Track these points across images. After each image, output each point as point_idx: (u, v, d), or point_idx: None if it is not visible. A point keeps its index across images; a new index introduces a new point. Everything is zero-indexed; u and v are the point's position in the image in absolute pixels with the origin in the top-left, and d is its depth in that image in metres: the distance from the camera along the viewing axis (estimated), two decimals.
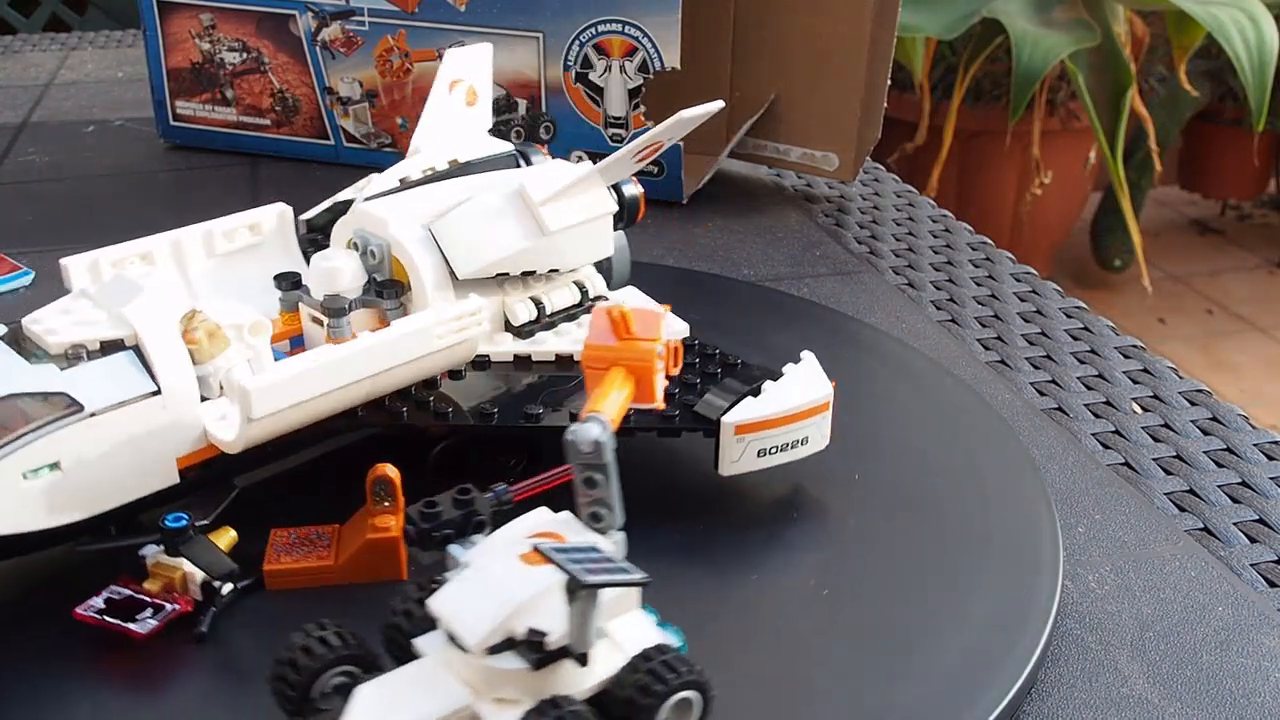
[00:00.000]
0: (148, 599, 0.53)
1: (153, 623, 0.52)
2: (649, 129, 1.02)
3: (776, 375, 0.61)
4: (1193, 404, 0.77)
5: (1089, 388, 0.78)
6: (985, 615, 0.54)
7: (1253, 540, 0.63)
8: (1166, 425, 0.74)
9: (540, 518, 0.48)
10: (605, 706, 0.44)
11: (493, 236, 0.62)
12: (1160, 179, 2.95)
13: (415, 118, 0.73)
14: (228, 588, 0.54)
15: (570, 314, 0.67)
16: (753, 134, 1.09)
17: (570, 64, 1.03)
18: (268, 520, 0.57)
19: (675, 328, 0.66)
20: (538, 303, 0.65)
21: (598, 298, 0.68)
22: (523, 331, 0.64)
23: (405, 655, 0.45)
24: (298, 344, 0.62)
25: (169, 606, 0.52)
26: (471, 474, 0.56)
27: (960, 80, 2.59)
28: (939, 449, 0.67)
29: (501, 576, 0.44)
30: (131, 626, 0.51)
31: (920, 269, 0.96)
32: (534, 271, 0.64)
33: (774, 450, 0.60)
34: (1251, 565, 0.61)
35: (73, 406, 0.50)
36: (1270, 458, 0.71)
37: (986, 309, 0.89)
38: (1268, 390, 2.68)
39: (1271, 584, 0.60)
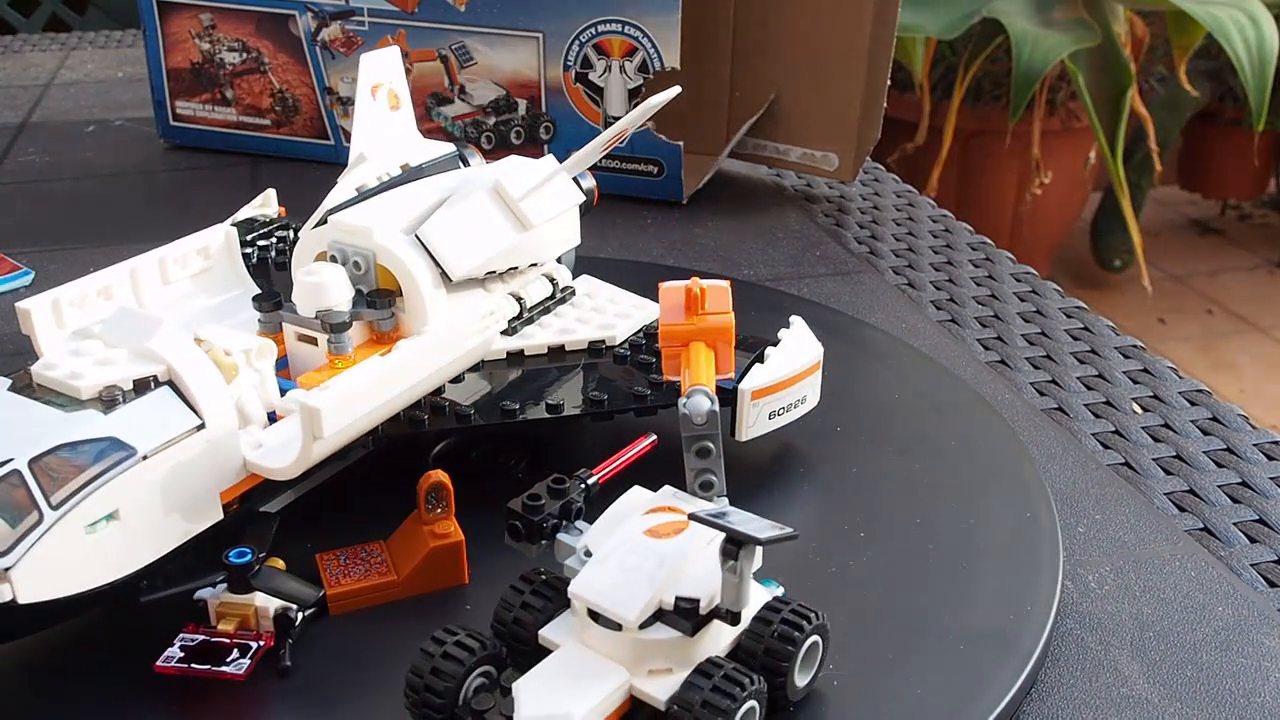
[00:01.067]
0: (227, 640, 0.51)
1: (246, 662, 0.50)
2: (647, 129, 1.03)
3: (774, 341, 0.64)
4: (1193, 404, 0.77)
5: (1089, 388, 0.78)
6: (985, 615, 0.54)
7: (1253, 540, 0.63)
8: (1166, 425, 0.74)
9: (639, 496, 0.50)
10: (744, 661, 0.46)
11: (481, 236, 0.62)
12: (1160, 179, 2.95)
13: (415, 118, 0.73)
14: (299, 617, 0.52)
15: (546, 307, 0.68)
16: (753, 134, 1.09)
17: (570, 64, 1.03)
18: (288, 546, 0.55)
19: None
20: (518, 298, 0.65)
21: (566, 288, 0.69)
22: (509, 328, 0.65)
23: (518, 647, 0.47)
24: (282, 366, 0.59)
25: (254, 644, 0.50)
26: (472, 475, 0.56)
27: (960, 80, 2.59)
28: (939, 449, 0.67)
29: (637, 553, 0.46)
30: (226, 669, 0.49)
31: (920, 269, 0.96)
32: (515, 267, 0.65)
33: (781, 411, 0.64)
34: (1251, 565, 0.61)
35: (125, 450, 0.48)
36: (1270, 458, 0.71)
37: (986, 309, 0.89)
38: (1268, 390, 2.67)
39: (1271, 584, 0.60)
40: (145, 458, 0.48)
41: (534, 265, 0.67)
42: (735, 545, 0.44)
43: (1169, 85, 2.84)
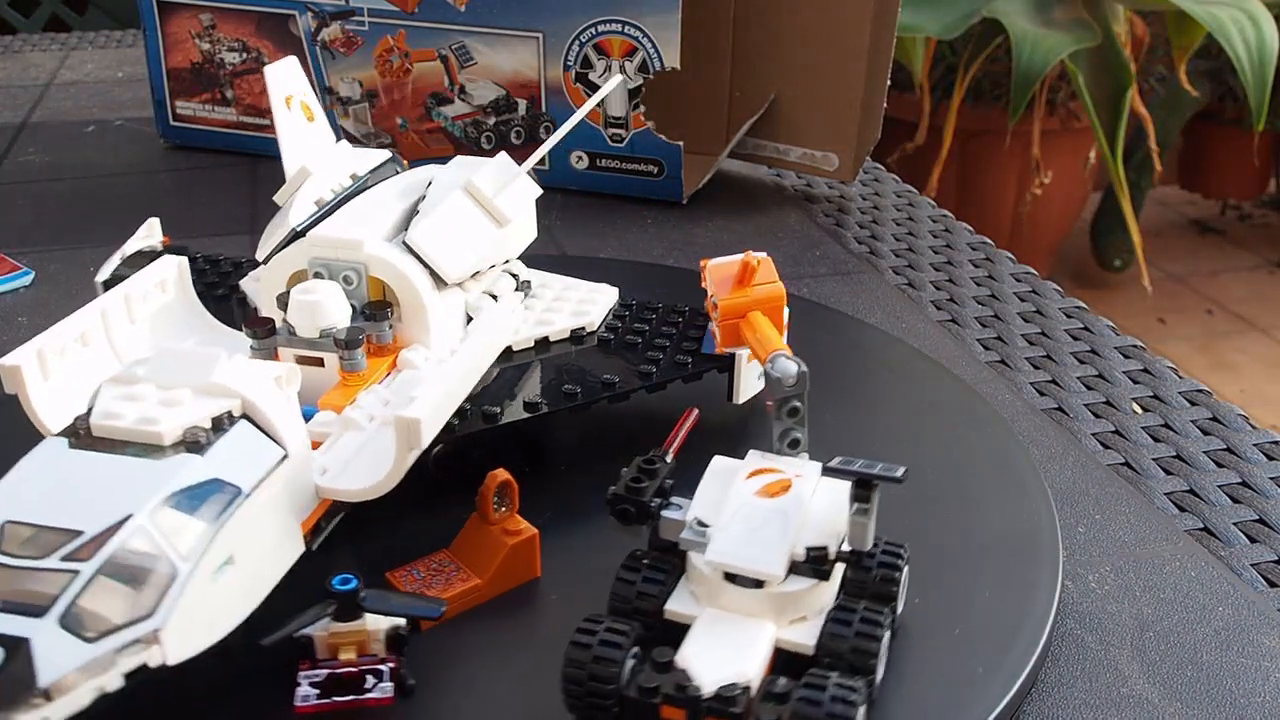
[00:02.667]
0: (354, 668, 0.49)
1: (389, 685, 0.48)
2: (647, 129, 1.03)
3: None
4: (1193, 404, 0.77)
5: (1089, 388, 0.78)
6: (985, 615, 0.54)
7: (1253, 540, 0.63)
8: (1166, 425, 0.74)
9: (725, 463, 0.53)
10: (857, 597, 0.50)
11: (466, 237, 0.62)
12: (1160, 179, 2.95)
13: (415, 118, 0.73)
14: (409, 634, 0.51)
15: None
16: (753, 134, 1.09)
17: (570, 64, 1.03)
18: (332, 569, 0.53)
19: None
20: (493, 295, 0.66)
21: (525, 281, 0.69)
22: None
23: (646, 623, 0.48)
24: None
25: (383, 667, 0.49)
26: (473, 476, 0.56)
27: (960, 80, 2.59)
28: (939, 449, 0.67)
29: (759, 514, 0.49)
30: (373, 695, 0.48)
31: (920, 269, 0.96)
32: (493, 265, 0.65)
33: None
34: (1252, 565, 0.61)
35: (232, 490, 0.45)
36: (1270, 458, 0.71)
37: (986, 309, 0.89)
38: (1268, 390, 2.68)
39: (1271, 584, 0.60)
40: (248, 496, 0.46)
41: (506, 262, 0.68)
42: (868, 489, 0.47)
43: (1169, 85, 2.84)
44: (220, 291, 0.69)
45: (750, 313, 0.60)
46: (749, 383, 0.67)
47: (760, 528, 0.48)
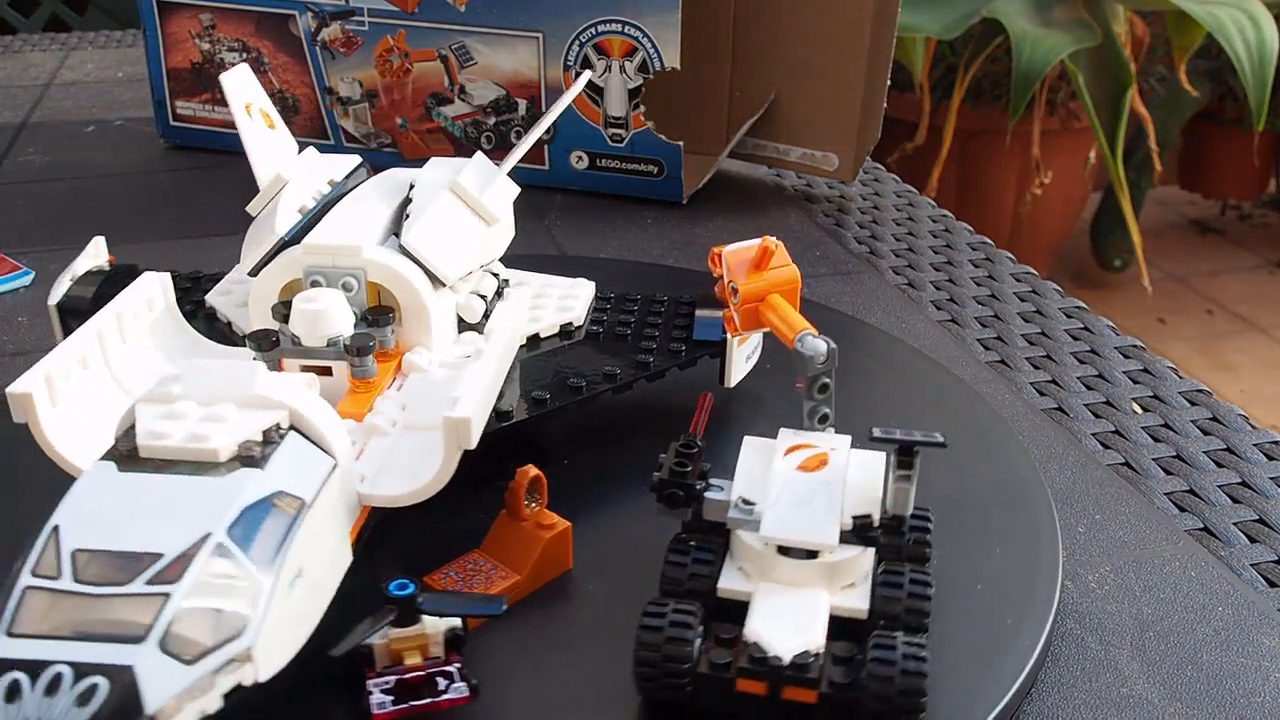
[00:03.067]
0: (421, 672, 0.49)
1: (463, 684, 0.49)
2: (647, 129, 1.03)
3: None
4: (1193, 404, 0.77)
5: (1089, 388, 0.78)
6: (985, 615, 0.54)
7: (1253, 540, 0.63)
8: (1166, 425, 0.74)
9: (758, 443, 0.54)
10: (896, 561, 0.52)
11: (459, 238, 0.62)
12: (1160, 179, 2.95)
13: (415, 118, 0.73)
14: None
15: (495, 300, 0.68)
16: (753, 134, 1.09)
17: (570, 64, 1.03)
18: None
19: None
20: (481, 295, 0.66)
21: (504, 280, 0.69)
22: (480, 325, 0.65)
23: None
24: None
25: (451, 667, 0.49)
26: (483, 475, 0.56)
27: (960, 80, 2.59)
28: (939, 449, 0.67)
29: (804, 488, 0.51)
30: (451, 696, 0.48)
31: (920, 269, 0.96)
32: (481, 265, 0.66)
33: (750, 355, 0.70)
34: (1251, 565, 0.61)
35: (297, 502, 0.45)
36: (1270, 458, 0.71)
37: (986, 309, 0.89)
38: (1267, 390, 2.68)
39: (1271, 584, 0.60)
40: (310, 507, 0.45)
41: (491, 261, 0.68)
42: (910, 455, 0.49)
43: (1169, 85, 2.84)
44: (186, 308, 0.65)
45: (769, 295, 0.61)
46: (739, 366, 0.69)
47: (808, 501, 0.50)
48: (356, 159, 0.68)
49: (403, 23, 1.06)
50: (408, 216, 0.62)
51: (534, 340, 0.67)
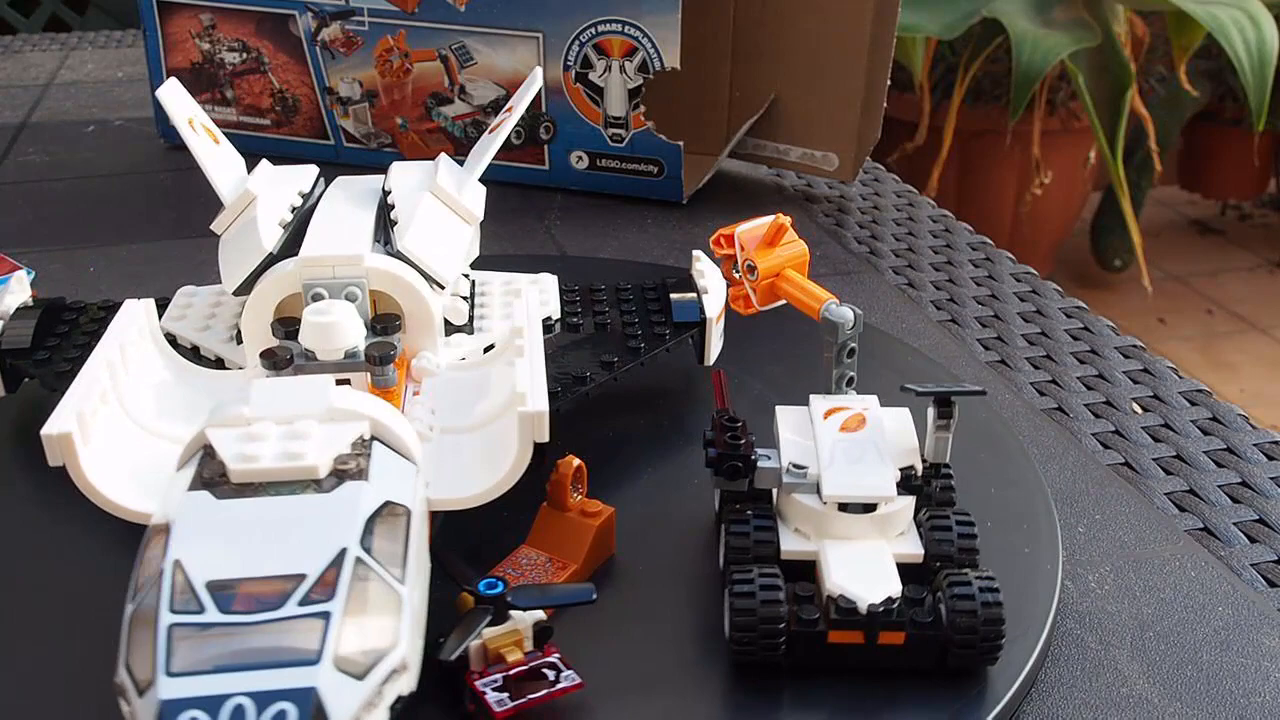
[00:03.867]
0: (525, 666, 0.49)
1: (570, 672, 0.49)
2: (647, 129, 1.03)
3: (686, 275, 0.72)
4: (1193, 404, 0.77)
5: (1089, 388, 0.78)
6: None
7: (1253, 540, 0.63)
8: (1166, 425, 0.74)
9: (789, 411, 0.58)
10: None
11: (450, 240, 0.62)
12: (1160, 179, 2.95)
13: (415, 118, 0.73)
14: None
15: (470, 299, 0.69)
16: (753, 134, 1.09)
17: (570, 64, 1.03)
18: None
19: None
20: (464, 298, 0.66)
21: (472, 281, 0.70)
22: (467, 327, 0.65)
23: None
24: None
25: (552, 657, 0.49)
26: None
27: (960, 80, 2.59)
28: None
29: (853, 448, 0.54)
30: (564, 685, 0.48)
31: (920, 269, 0.96)
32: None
33: (721, 334, 0.71)
34: (1251, 565, 0.61)
35: (403, 509, 0.45)
36: (1270, 458, 0.71)
37: (986, 309, 0.89)
38: (1267, 390, 2.68)
39: (1271, 584, 0.60)
40: (412, 514, 0.45)
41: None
42: (949, 406, 0.53)
43: (1169, 85, 2.84)
44: None
45: (784, 270, 0.63)
46: (715, 345, 0.70)
47: (860, 459, 0.54)
48: (314, 168, 0.67)
49: (403, 23, 1.06)
50: (395, 222, 0.61)
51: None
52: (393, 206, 0.63)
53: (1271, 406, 2.60)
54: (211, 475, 0.44)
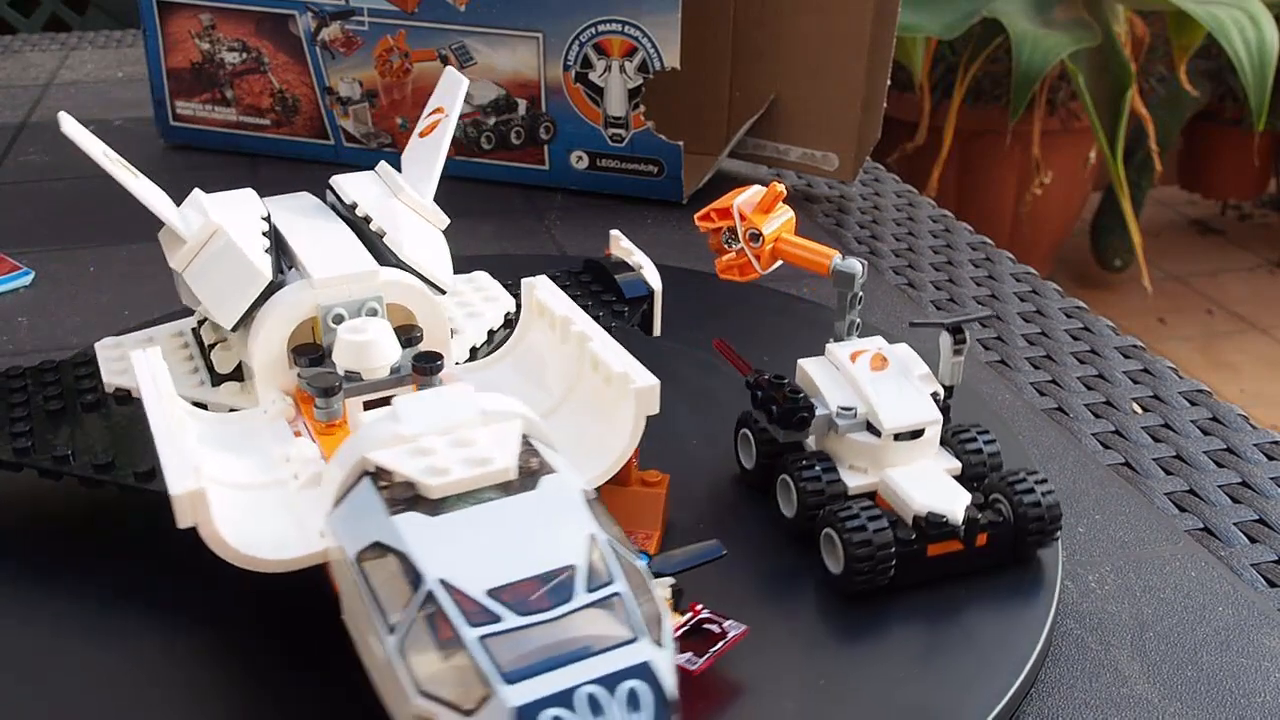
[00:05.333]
0: (684, 626, 0.50)
1: (732, 621, 0.51)
2: (647, 129, 1.03)
3: (620, 260, 0.73)
4: (1193, 404, 0.77)
5: (1089, 388, 0.78)
6: (985, 615, 0.54)
7: (1253, 540, 0.63)
8: (1167, 425, 0.74)
9: (813, 361, 0.61)
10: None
11: (436, 246, 0.62)
12: (1160, 179, 2.95)
13: (415, 118, 0.73)
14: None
15: None
16: (753, 134, 1.09)
17: (570, 64, 1.03)
18: None
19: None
20: None
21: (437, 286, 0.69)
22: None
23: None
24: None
25: (700, 611, 0.51)
26: None
27: (960, 80, 2.59)
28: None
29: (890, 384, 0.59)
30: (735, 633, 0.50)
31: (920, 269, 0.96)
32: None
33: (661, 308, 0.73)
34: (1252, 565, 0.61)
35: (593, 497, 0.45)
36: (1270, 458, 0.71)
37: (986, 309, 0.89)
38: (1268, 390, 2.68)
39: (1272, 584, 0.60)
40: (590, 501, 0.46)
41: None
42: (963, 333, 0.59)
43: (1169, 85, 2.84)
44: (90, 398, 0.60)
45: (782, 234, 0.65)
46: (658, 316, 0.72)
47: (899, 392, 0.58)
48: (251, 192, 0.65)
49: (403, 23, 1.06)
50: (382, 233, 0.60)
51: (490, 333, 0.67)
52: (368, 219, 0.61)
53: (1272, 406, 2.60)
54: (402, 496, 0.44)
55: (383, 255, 0.60)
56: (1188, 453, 0.71)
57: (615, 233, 0.73)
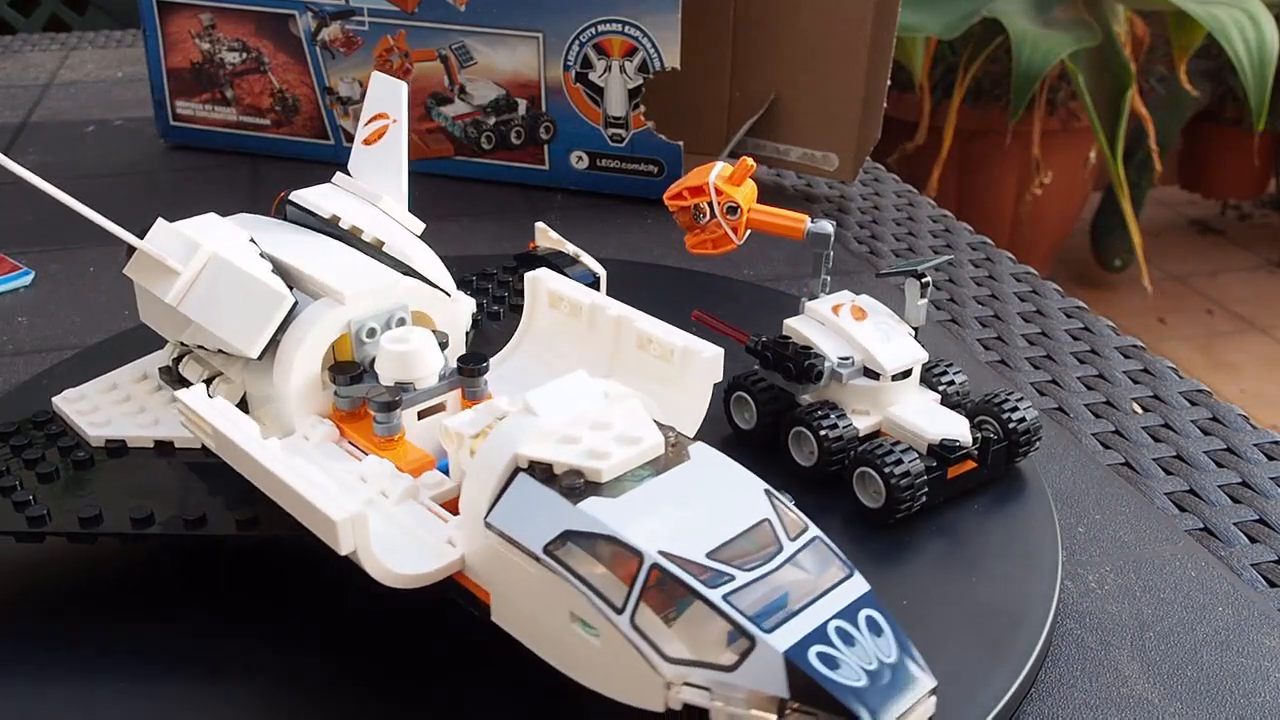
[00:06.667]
0: None
1: None
2: (647, 129, 1.03)
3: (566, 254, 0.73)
4: (1193, 404, 0.77)
5: (1089, 388, 0.78)
6: (985, 615, 0.54)
7: (1253, 540, 0.63)
8: (1167, 425, 0.74)
9: (796, 319, 0.65)
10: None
11: (423, 251, 0.61)
12: (1160, 179, 2.95)
13: (415, 118, 0.73)
14: None
15: None
16: (753, 134, 1.09)
17: (570, 64, 1.03)
18: None
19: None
20: None
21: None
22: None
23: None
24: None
25: None
26: None
27: (960, 80, 2.59)
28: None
29: (875, 331, 0.63)
30: None
31: None
32: None
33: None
34: (1252, 565, 0.61)
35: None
36: (1270, 457, 0.71)
37: (986, 309, 0.89)
38: (1268, 390, 2.68)
39: (1272, 584, 0.60)
40: None
41: None
42: (927, 276, 0.65)
43: (1169, 85, 2.84)
44: (82, 454, 0.58)
45: (751, 203, 0.67)
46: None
47: (888, 336, 0.63)
48: (212, 215, 0.63)
49: (403, 22, 1.06)
50: (380, 243, 0.60)
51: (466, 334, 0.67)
52: (359, 230, 0.61)
53: (1272, 406, 2.60)
54: (572, 484, 0.44)
55: (390, 264, 0.59)
56: (1188, 453, 0.71)
57: (541, 225, 0.73)
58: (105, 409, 0.60)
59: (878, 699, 0.39)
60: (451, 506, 0.50)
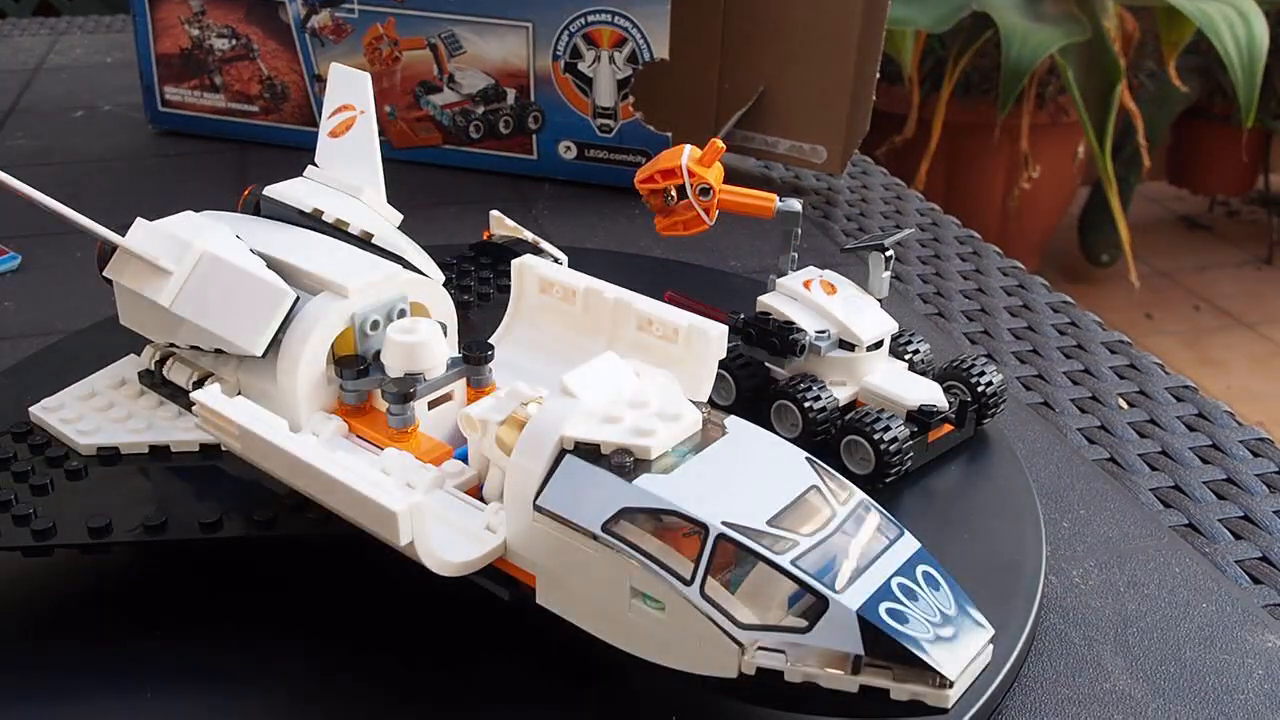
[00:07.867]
0: None
1: None
2: (636, 119, 1.03)
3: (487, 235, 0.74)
4: (1179, 400, 0.77)
5: (1075, 383, 0.78)
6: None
7: (1237, 536, 0.64)
8: (1152, 421, 0.74)
9: (769, 296, 0.67)
10: None
11: (410, 243, 0.61)
12: (1148, 174, 2.96)
13: (404, 106, 0.73)
14: None
15: None
16: (741, 126, 1.09)
17: (559, 54, 1.03)
18: None
19: None
20: None
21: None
22: None
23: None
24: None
25: None
26: None
27: (949, 73, 2.59)
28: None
29: (845, 306, 0.65)
30: None
31: (907, 262, 0.96)
32: None
33: None
34: (1236, 561, 0.61)
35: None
36: (1255, 454, 0.71)
37: (973, 303, 0.89)
38: (1254, 386, 2.68)
39: (1255, 580, 0.60)
40: None
41: None
42: (890, 250, 0.67)
43: (1158, 81, 2.84)
44: (74, 464, 0.56)
45: (721, 184, 0.69)
46: None
47: (861, 309, 0.65)
48: (189, 212, 0.61)
49: (392, 10, 1.06)
50: (369, 236, 0.60)
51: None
52: (346, 223, 0.60)
53: (1257, 402, 2.60)
54: (622, 462, 0.45)
55: (383, 256, 0.59)
56: (1173, 448, 0.71)
57: (496, 213, 0.73)
58: (90, 416, 0.59)
59: (946, 649, 0.41)
60: (474, 494, 0.51)
